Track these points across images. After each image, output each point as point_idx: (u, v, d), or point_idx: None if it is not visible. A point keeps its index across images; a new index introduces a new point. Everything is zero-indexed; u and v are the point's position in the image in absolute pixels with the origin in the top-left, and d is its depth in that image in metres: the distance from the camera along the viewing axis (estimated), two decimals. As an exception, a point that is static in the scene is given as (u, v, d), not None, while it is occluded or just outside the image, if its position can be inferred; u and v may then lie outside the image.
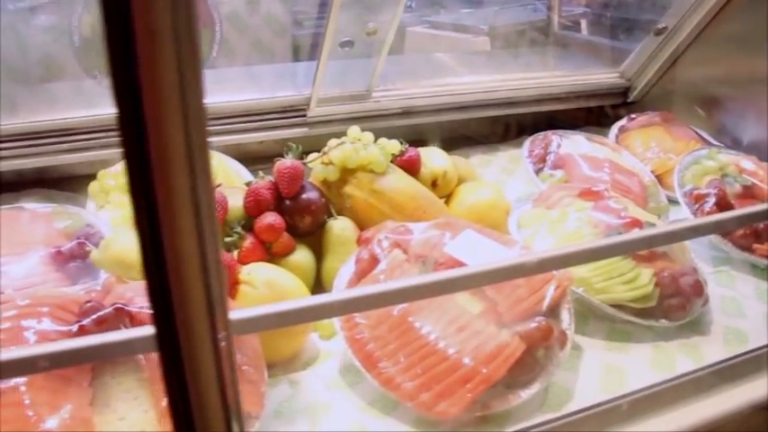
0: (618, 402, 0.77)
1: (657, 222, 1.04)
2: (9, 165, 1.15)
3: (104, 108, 1.19)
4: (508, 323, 0.79)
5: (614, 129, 1.48)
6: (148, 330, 0.49)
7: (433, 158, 1.11)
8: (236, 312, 0.60)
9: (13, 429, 0.59)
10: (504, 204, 1.08)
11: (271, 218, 0.91)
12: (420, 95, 1.43)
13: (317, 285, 0.97)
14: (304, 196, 0.95)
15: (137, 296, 0.71)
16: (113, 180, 1.10)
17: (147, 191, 0.31)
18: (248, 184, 0.96)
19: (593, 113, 1.64)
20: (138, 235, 0.32)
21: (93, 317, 0.68)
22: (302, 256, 0.94)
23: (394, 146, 1.07)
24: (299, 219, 0.95)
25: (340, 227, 0.97)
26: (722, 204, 1.12)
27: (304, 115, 1.31)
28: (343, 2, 1.13)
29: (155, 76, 0.28)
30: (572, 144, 1.30)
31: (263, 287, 0.80)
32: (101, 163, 1.15)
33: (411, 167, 1.06)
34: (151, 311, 0.37)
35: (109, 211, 1.07)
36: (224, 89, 1.30)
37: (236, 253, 0.89)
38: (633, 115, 1.50)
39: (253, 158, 1.27)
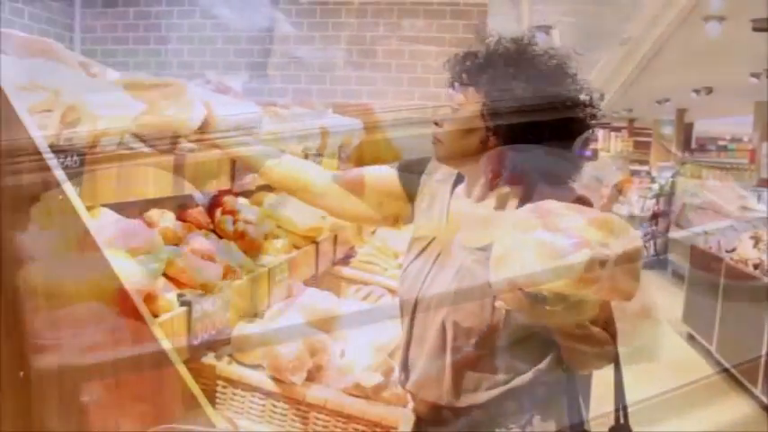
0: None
1: (612, 242, 1.00)
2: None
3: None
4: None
5: (578, 141, 1.45)
6: None
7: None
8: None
9: None
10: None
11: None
12: (380, 110, 1.41)
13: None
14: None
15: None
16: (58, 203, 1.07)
17: None
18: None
19: (558, 125, 1.61)
20: None
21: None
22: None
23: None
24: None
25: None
26: (679, 222, 1.09)
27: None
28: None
29: None
30: (530, 159, 1.26)
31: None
32: (41, 185, 1.12)
33: (355, 187, 1.03)
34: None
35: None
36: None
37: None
38: (598, 127, 1.46)
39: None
